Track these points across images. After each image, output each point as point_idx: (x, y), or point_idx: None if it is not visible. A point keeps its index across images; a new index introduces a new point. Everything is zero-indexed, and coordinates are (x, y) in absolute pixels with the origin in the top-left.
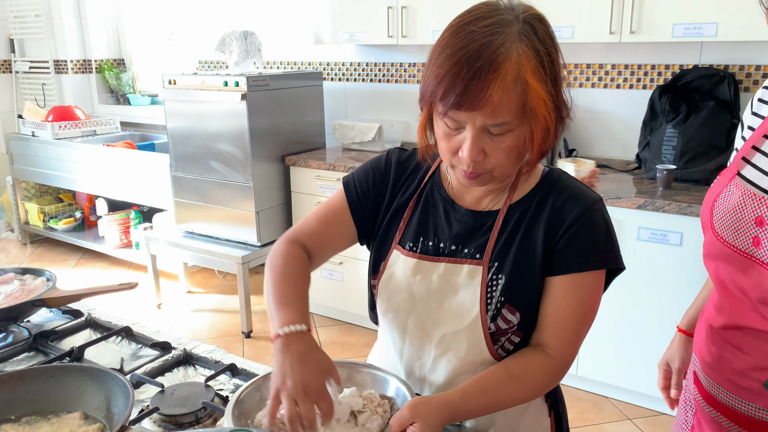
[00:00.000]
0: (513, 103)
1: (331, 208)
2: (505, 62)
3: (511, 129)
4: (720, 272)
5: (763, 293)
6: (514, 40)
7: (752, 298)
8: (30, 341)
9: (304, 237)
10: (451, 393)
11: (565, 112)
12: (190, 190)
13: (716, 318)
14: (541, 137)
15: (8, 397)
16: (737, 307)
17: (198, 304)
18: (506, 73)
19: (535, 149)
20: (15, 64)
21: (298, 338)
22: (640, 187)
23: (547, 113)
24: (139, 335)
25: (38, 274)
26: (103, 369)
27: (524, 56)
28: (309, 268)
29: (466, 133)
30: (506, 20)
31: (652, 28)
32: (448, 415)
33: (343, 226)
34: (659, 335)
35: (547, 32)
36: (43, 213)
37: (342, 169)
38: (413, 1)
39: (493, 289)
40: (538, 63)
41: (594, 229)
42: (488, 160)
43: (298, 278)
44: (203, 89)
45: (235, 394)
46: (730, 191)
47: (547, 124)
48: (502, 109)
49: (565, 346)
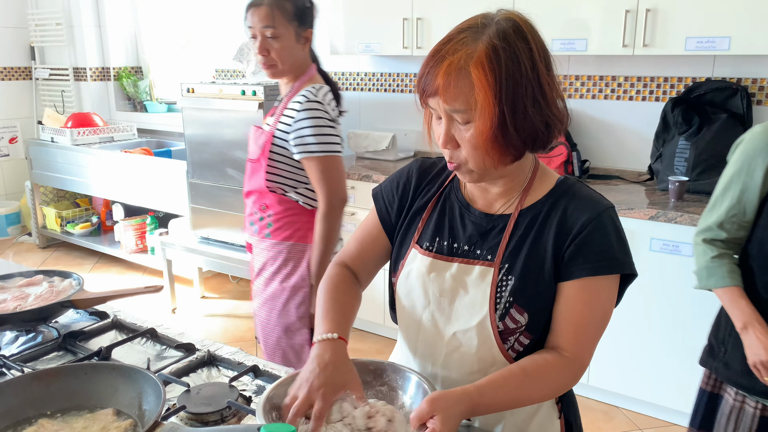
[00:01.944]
0: (463, 91)
1: (364, 227)
2: (455, 53)
3: (470, 120)
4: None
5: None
6: (477, 38)
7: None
8: (59, 341)
9: (346, 259)
10: (468, 387)
11: (533, 112)
12: (206, 197)
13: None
14: (488, 130)
15: (44, 392)
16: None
17: (212, 309)
18: (452, 61)
19: (486, 140)
20: (35, 71)
21: (329, 347)
22: (652, 199)
23: (490, 106)
24: (163, 337)
25: (66, 276)
26: (135, 367)
27: (477, 51)
28: (354, 284)
29: (442, 121)
30: (480, 23)
31: (665, 41)
32: (466, 408)
33: (377, 239)
34: (670, 345)
35: (519, 34)
36: (60, 217)
37: (356, 177)
38: (428, 13)
39: (502, 290)
40: (488, 57)
41: (604, 234)
42: (460, 151)
43: (339, 295)
44: (221, 98)
45: (266, 390)
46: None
47: (493, 117)
48: (450, 95)
49: (579, 350)
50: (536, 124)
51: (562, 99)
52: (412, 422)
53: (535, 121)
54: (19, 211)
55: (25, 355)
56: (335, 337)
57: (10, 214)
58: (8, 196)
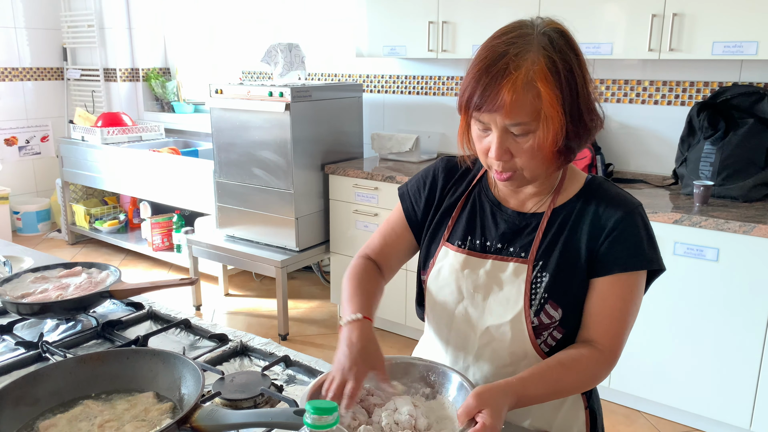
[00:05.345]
0: (526, 105)
1: (389, 222)
2: (518, 68)
3: (531, 130)
4: None
5: None
6: (529, 49)
7: None
8: (98, 329)
9: (370, 252)
10: (511, 380)
11: (588, 119)
12: (233, 196)
13: None
14: (552, 138)
15: (89, 375)
16: None
17: (236, 306)
18: (517, 77)
19: (549, 149)
20: (67, 71)
21: (355, 327)
22: (676, 203)
23: (558, 117)
24: (197, 327)
25: (103, 268)
26: (174, 353)
27: (537, 64)
28: (376, 273)
29: (492, 134)
30: (526, 33)
31: (691, 45)
32: (511, 401)
33: (402, 237)
34: (693, 349)
35: (567, 44)
36: (89, 215)
37: (379, 178)
38: (454, 16)
39: (537, 286)
40: (551, 70)
41: (635, 232)
42: (515, 161)
43: (362, 281)
44: (248, 99)
45: (311, 384)
46: None
47: (559, 127)
48: (516, 111)
49: (611, 341)
50: (591, 129)
51: (598, 102)
52: (460, 418)
53: (591, 127)
54: (50, 208)
55: (66, 342)
56: (360, 317)
57: (41, 210)
58: (39, 194)
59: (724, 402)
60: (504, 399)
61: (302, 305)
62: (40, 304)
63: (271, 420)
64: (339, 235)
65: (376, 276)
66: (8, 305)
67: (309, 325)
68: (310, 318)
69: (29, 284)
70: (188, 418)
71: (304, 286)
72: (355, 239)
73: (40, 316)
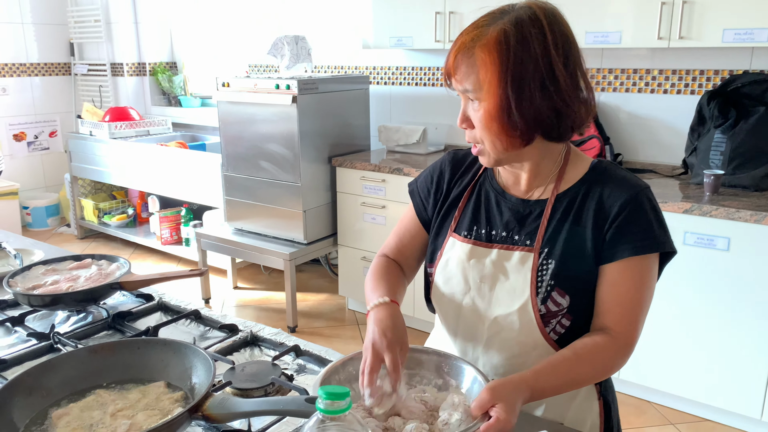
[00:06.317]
0: (468, 71)
1: (403, 221)
2: (468, 35)
3: (480, 99)
4: None
5: None
6: (498, 23)
7: None
8: (109, 320)
9: (388, 251)
10: (524, 373)
11: (540, 96)
12: (241, 189)
13: None
14: (495, 108)
15: (100, 365)
16: None
17: (244, 299)
18: (464, 42)
19: (497, 121)
20: (74, 66)
21: (382, 310)
22: (686, 192)
23: (496, 86)
24: (207, 318)
25: (113, 260)
26: (185, 343)
27: (488, 33)
28: (397, 268)
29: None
30: (501, 11)
31: (701, 33)
32: (525, 394)
33: (416, 235)
34: (704, 340)
35: (537, 20)
36: (97, 209)
37: (387, 170)
38: (461, 6)
39: (543, 274)
40: (498, 40)
41: (643, 214)
42: (475, 132)
43: (384, 273)
44: (255, 92)
45: (321, 373)
46: None
47: (498, 98)
48: (460, 75)
49: (626, 328)
50: (542, 110)
51: (588, 90)
52: (473, 411)
53: (542, 108)
54: (59, 203)
55: (77, 332)
56: (387, 300)
57: (50, 205)
58: (48, 189)
59: (734, 392)
60: (518, 394)
61: (310, 298)
62: (52, 296)
63: (282, 408)
64: (347, 228)
65: (397, 271)
66: (20, 297)
67: (317, 317)
68: (318, 311)
69: (40, 276)
70: (200, 406)
71: (312, 278)
72: (362, 232)
73: (52, 307)
